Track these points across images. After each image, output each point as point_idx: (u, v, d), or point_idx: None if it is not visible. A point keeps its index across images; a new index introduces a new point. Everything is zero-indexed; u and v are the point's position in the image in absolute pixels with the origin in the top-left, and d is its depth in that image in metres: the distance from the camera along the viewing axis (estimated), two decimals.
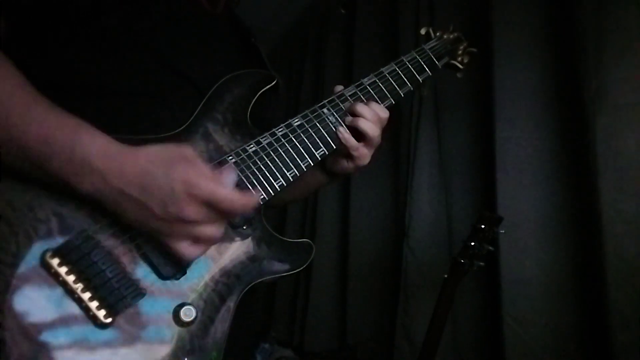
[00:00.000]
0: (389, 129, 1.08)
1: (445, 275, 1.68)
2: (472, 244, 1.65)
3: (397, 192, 2.78)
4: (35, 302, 0.70)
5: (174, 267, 0.80)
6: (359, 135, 1.03)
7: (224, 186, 0.76)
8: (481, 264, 1.66)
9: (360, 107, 1.02)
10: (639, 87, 1.74)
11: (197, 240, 0.76)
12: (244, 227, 0.88)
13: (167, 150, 0.75)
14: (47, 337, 0.70)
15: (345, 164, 1.07)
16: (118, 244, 0.77)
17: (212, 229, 0.76)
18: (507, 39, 2.09)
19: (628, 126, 1.75)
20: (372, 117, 1.02)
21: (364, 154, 1.05)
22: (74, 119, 0.73)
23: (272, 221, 0.94)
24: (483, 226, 1.65)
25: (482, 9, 2.19)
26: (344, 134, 1.01)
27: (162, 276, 0.79)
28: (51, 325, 0.70)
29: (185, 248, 0.75)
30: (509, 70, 2.08)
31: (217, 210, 0.74)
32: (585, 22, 1.82)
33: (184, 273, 0.81)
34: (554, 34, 1.99)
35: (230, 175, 0.80)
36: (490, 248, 1.67)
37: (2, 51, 0.75)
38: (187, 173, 0.72)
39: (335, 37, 3.46)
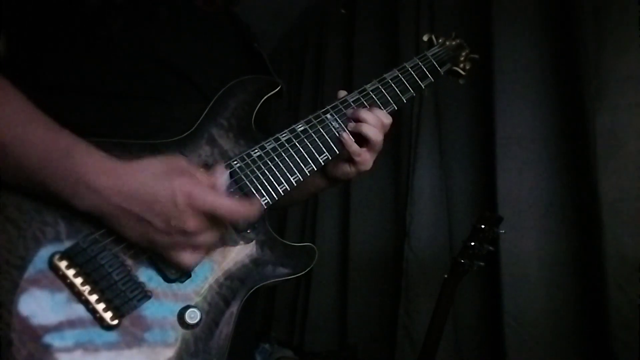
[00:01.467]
0: (391, 133, 1.09)
1: (446, 275, 1.69)
2: (472, 244, 1.65)
3: (397, 192, 2.79)
4: (43, 304, 0.71)
5: (179, 270, 0.81)
6: (361, 140, 1.04)
7: (224, 195, 0.78)
8: (481, 264, 1.66)
9: (364, 113, 1.04)
10: (639, 87, 1.74)
11: (197, 248, 0.77)
12: (248, 231, 0.89)
13: (162, 162, 0.76)
14: (54, 338, 0.70)
15: (347, 169, 1.08)
16: (124, 247, 0.77)
17: (212, 236, 0.78)
18: (507, 38, 2.09)
19: (628, 126, 1.75)
20: (376, 122, 1.03)
21: (366, 159, 1.06)
22: (69, 137, 0.73)
23: (272, 221, 0.95)
24: (483, 226, 1.66)
25: (483, 8, 2.20)
26: (347, 139, 1.02)
27: (168, 279, 0.80)
28: (58, 326, 0.71)
29: (186, 257, 0.77)
30: (509, 70, 2.08)
31: (218, 220, 0.76)
32: (585, 22, 1.83)
33: (189, 276, 0.82)
34: (554, 34, 2.00)
35: (222, 175, 0.82)
36: (490, 248, 1.67)
37: None
38: (187, 185, 0.73)
39: (335, 37, 3.46)
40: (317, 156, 0.99)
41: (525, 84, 2.06)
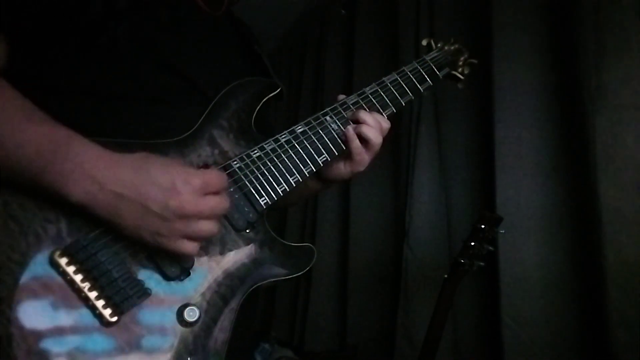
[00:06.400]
0: (389, 138, 1.10)
1: (446, 275, 1.69)
2: (473, 244, 1.65)
3: (397, 192, 2.79)
4: (43, 300, 0.71)
5: (179, 268, 0.81)
6: (360, 141, 1.05)
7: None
8: (481, 264, 1.66)
9: (364, 114, 1.05)
10: (639, 87, 1.74)
11: (195, 237, 0.77)
12: (247, 231, 0.90)
13: (159, 156, 0.79)
14: (54, 334, 0.71)
15: (342, 169, 1.09)
16: (125, 244, 0.78)
17: (210, 225, 0.78)
18: (507, 38, 2.09)
19: (628, 126, 1.75)
20: (375, 124, 1.05)
21: (364, 159, 1.07)
22: (65, 130, 0.74)
23: (272, 221, 0.95)
24: (483, 226, 1.65)
25: (482, 9, 2.20)
26: (351, 135, 1.04)
27: (167, 277, 0.80)
28: (58, 323, 0.72)
29: (185, 245, 0.76)
30: (509, 70, 2.08)
31: (212, 193, 0.77)
32: (585, 23, 1.83)
33: (188, 274, 0.82)
34: (554, 34, 2.00)
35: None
36: (491, 248, 1.67)
37: None
38: (185, 171, 0.76)
39: (335, 38, 3.46)
40: (316, 157, 1.00)
41: (525, 85, 2.06)
